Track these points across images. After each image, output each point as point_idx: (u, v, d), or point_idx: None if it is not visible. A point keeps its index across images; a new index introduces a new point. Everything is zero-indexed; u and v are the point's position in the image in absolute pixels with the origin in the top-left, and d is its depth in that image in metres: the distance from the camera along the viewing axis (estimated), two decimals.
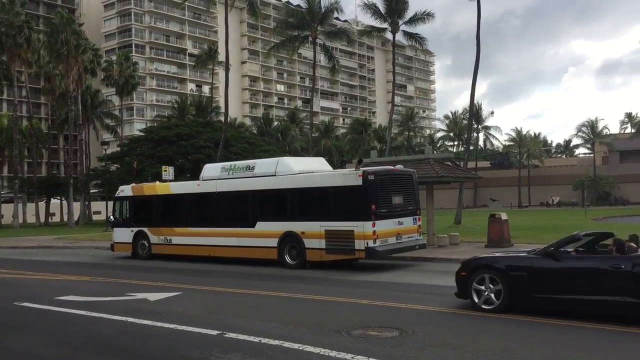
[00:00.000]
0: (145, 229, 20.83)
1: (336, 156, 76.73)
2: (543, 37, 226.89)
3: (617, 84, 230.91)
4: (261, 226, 17.55)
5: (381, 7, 42.36)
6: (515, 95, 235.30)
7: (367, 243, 15.05)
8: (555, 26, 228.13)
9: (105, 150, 48.47)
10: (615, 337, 7.93)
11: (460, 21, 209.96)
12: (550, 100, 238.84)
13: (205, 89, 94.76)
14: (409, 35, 43.75)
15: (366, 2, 42.96)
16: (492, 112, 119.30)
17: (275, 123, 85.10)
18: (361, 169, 15.88)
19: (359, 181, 15.34)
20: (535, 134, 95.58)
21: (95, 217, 65.64)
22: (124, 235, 21.59)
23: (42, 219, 60.39)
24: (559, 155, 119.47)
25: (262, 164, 18.73)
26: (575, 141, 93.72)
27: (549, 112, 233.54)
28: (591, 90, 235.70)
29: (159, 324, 9.23)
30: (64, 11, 59.07)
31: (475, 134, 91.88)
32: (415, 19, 42.31)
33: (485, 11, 42.09)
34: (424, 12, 42.36)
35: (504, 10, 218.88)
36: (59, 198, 65.99)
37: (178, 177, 35.64)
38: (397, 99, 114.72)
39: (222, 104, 55.29)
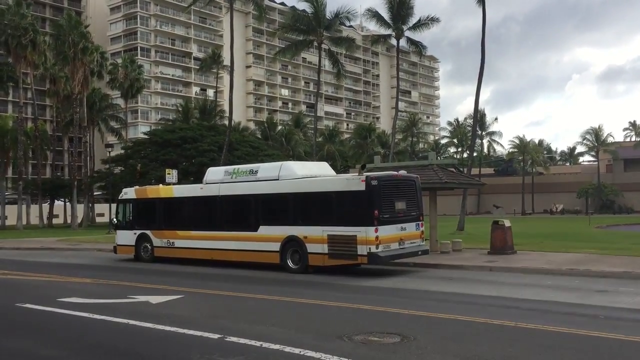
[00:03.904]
0: (148, 232, 20.84)
1: (339, 161, 76.74)
2: (544, 44, 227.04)
3: (620, 91, 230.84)
4: (264, 230, 17.53)
5: (385, 14, 42.37)
6: (518, 102, 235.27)
7: (370, 248, 15.01)
8: (556, 33, 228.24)
9: (110, 152, 48.52)
10: None
11: (460, 27, 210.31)
12: (553, 107, 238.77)
13: (210, 93, 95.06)
14: (411, 42, 43.71)
15: (370, 10, 43.06)
16: (496, 119, 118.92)
17: (279, 127, 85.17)
18: (364, 174, 15.84)
19: (362, 186, 15.32)
20: (539, 141, 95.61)
21: (98, 220, 65.74)
22: (126, 237, 21.59)
23: (46, 221, 60.50)
24: (563, 163, 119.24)
25: (266, 168, 18.71)
26: (580, 149, 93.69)
27: (551, 119, 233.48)
28: (594, 97, 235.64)
29: (160, 326, 9.22)
30: (72, 14, 59.29)
31: (479, 141, 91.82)
32: (419, 25, 42.19)
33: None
34: (428, 17, 42.23)
35: (504, 16, 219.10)
36: (63, 200, 66.10)
37: (181, 180, 35.65)
38: (401, 105, 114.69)
39: (226, 108, 55.33)
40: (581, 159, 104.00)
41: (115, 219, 22.65)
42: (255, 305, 11.62)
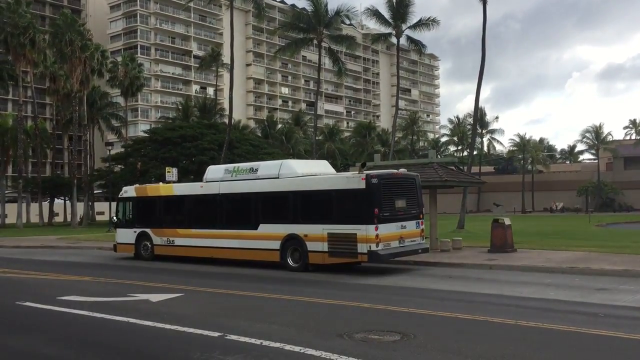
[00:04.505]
0: (148, 230, 20.83)
1: (340, 159, 76.69)
2: (544, 41, 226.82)
3: (620, 89, 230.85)
4: (264, 228, 17.52)
5: (385, 12, 42.34)
6: (518, 100, 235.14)
7: (370, 246, 15.00)
8: (557, 31, 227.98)
9: (110, 151, 48.51)
10: None
11: (460, 25, 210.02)
12: (554, 105, 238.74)
13: (210, 91, 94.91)
14: (411, 40, 43.67)
15: (370, 8, 43.10)
16: (497, 117, 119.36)
17: (279, 125, 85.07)
18: (364, 172, 15.82)
19: (362, 184, 15.31)
20: (539, 139, 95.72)
21: (98, 218, 65.77)
22: (126, 236, 21.60)
23: (46, 219, 60.53)
24: (563, 161, 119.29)
25: (266, 167, 18.71)
26: (580, 147, 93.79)
27: (551, 117, 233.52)
28: (594, 95, 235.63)
29: (161, 325, 9.23)
30: (68, 12, 59.31)
31: (479, 139, 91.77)
32: (419, 24, 42.18)
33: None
34: (429, 18, 42.28)
35: (504, 14, 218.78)
36: (63, 198, 66.14)
37: (181, 179, 35.65)
38: (402, 103, 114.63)
39: (226, 106, 55.34)
40: (581, 157, 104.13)
41: (115, 217, 22.64)
42: (256, 304, 11.62)
